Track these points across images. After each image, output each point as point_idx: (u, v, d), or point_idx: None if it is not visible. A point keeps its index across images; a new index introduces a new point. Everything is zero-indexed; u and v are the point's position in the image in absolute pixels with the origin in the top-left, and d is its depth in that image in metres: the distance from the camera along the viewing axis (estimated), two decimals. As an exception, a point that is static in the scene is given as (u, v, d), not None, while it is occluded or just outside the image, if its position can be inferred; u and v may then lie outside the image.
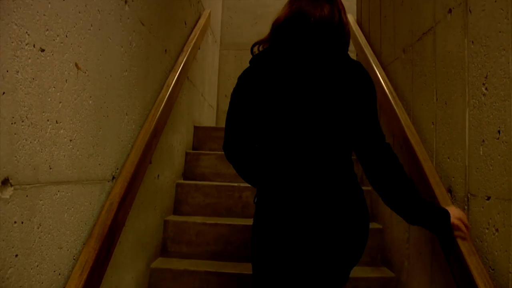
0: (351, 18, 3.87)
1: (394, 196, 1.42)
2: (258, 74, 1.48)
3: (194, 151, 3.58)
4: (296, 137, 1.42)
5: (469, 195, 1.64)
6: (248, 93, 1.48)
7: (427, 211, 1.42)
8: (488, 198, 1.51)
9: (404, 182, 1.41)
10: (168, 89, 2.59)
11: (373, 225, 2.83)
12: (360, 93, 1.43)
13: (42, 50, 1.28)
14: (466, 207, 1.66)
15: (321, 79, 1.43)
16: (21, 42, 1.18)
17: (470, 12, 1.68)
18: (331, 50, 1.47)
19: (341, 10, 1.50)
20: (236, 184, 3.13)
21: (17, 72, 1.17)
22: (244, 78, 1.52)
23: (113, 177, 1.88)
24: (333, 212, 1.39)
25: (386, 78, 2.72)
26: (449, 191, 1.80)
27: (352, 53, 3.00)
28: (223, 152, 3.42)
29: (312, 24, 1.45)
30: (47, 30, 1.31)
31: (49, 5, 1.31)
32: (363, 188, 1.54)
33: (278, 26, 1.51)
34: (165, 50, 2.72)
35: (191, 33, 3.50)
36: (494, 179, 1.48)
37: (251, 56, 1.55)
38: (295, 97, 1.42)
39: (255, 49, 1.56)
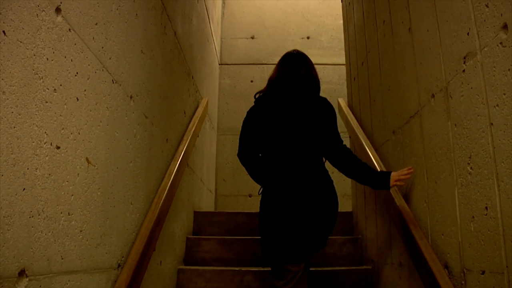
0: (343, 102, 4.05)
1: (351, 170, 2.31)
2: (260, 109, 2.33)
3: (194, 236, 3.60)
4: (285, 149, 2.22)
5: (465, 270, 1.70)
6: (254, 121, 2.33)
7: (373, 174, 2.33)
8: (483, 273, 1.56)
9: (357, 161, 2.31)
10: (170, 178, 2.69)
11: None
12: (326, 117, 2.29)
13: (58, 148, 1.39)
14: (463, 282, 1.71)
15: (300, 111, 2.26)
16: (40, 141, 1.29)
17: (451, 97, 1.81)
18: (307, 93, 2.32)
19: (311, 68, 2.38)
20: (237, 269, 3.13)
21: (36, 169, 1.27)
22: (251, 112, 2.38)
23: (119, 265, 1.93)
24: (313, 194, 2.16)
25: (378, 159, 2.84)
26: (446, 267, 1.85)
27: (344, 134, 3.16)
28: (223, 237, 3.50)
29: (296, 79, 2.31)
30: (63, 128, 1.42)
31: (65, 106, 1.44)
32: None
33: (273, 81, 2.37)
34: (166, 140, 2.85)
35: (190, 121, 3.66)
36: (486, 254, 1.54)
37: None
38: (284, 123, 2.24)
39: (257, 95, 2.42)
